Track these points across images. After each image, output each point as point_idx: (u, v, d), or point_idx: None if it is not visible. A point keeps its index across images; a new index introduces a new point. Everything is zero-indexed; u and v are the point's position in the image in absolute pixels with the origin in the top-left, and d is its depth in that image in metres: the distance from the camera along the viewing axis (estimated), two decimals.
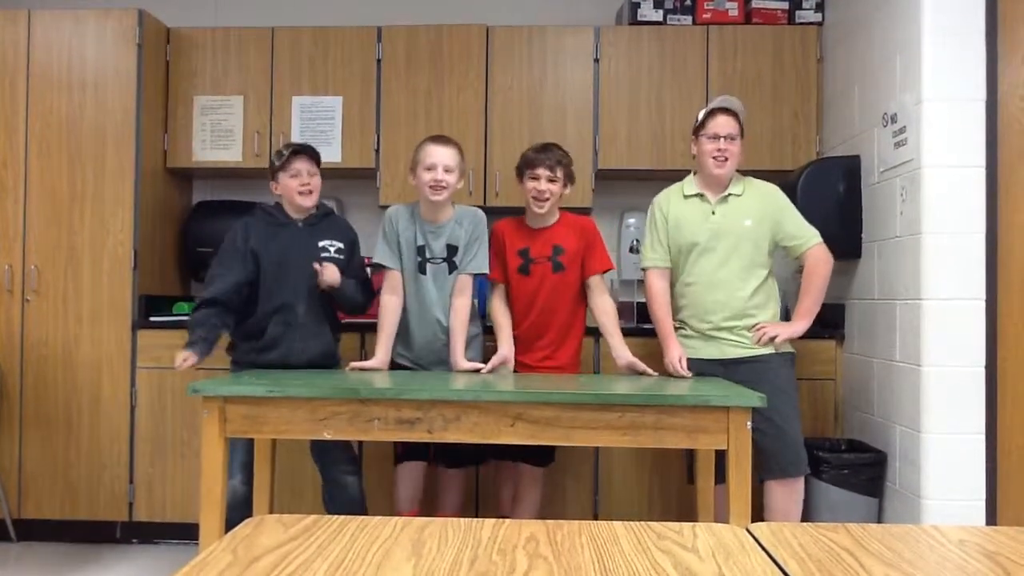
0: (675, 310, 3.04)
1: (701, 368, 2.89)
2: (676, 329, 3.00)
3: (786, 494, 2.87)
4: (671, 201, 3.02)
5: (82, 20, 3.63)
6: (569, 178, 2.95)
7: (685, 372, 2.85)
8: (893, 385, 3.01)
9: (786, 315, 3.40)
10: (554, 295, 2.98)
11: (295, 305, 2.89)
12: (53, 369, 3.58)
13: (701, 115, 2.99)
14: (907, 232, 2.92)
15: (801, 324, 2.93)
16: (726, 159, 2.89)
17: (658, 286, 3.00)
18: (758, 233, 2.92)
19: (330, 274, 2.84)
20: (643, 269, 3.05)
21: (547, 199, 2.90)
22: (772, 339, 2.89)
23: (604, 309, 2.99)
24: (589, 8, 4.20)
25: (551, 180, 2.89)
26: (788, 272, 3.55)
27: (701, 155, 2.94)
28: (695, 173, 3.03)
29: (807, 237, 2.93)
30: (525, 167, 2.94)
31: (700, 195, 2.97)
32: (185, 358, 2.72)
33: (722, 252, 2.91)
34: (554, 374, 2.95)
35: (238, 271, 2.88)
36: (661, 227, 3.00)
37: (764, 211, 2.93)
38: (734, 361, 2.90)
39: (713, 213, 2.94)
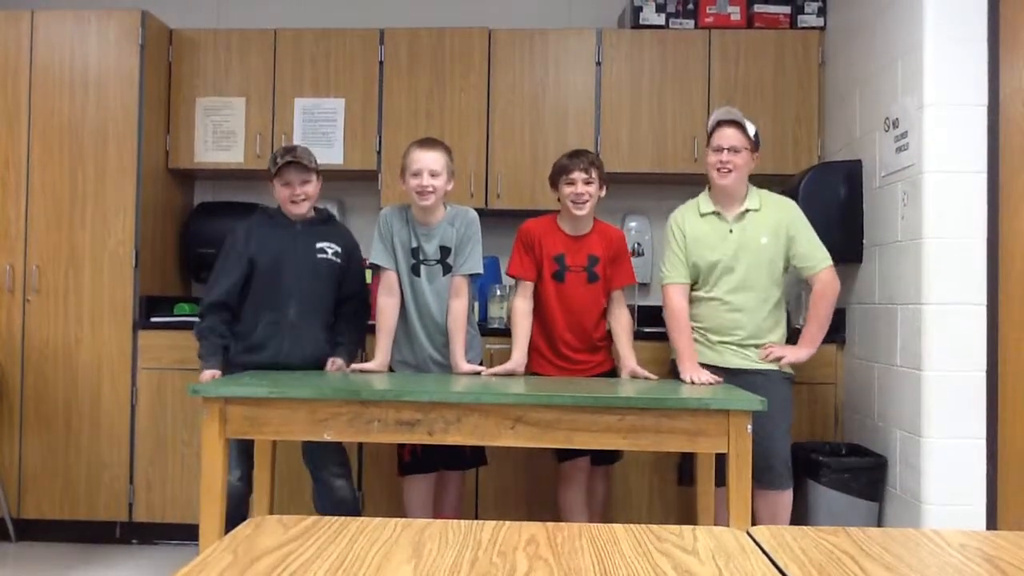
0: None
1: None
2: None
3: (768, 505, 2.88)
4: (687, 219, 3.00)
5: (85, 21, 3.64)
6: (604, 180, 2.96)
7: (705, 381, 2.77)
8: (894, 389, 3.01)
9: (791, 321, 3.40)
10: (589, 303, 2.99)
11: (286, 307, 2.89)
12: (54, 369, 3.58)
13: (708, 129, 2.98)
14: (908, 237, 2.92)
15: (806, 350, 2.93)
16: (729, 170, 2.88)
17: (679, 303, 2.97)
18: (773, 250, 2.91)
19: (339, 365, 2.96)
20: (663, 285, 3.04)
21: (586, 201, 2.90)
22: (777, 359, 2.90)
23: (622, 322, 3.04)
24: (591, 11, 4.20)
25: (587, 182, 2.90)
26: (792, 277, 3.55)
27: (708, 168, 2.95)
28: (710, 187, 3.02)
29: (817, 260, 2.91)
30: (560, 173, 2.94)
31: (716, 213, 2.96)
32: (212, 375, 2.80)
33: (741, 272, 2.90)
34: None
35: (238, 274, 2.90)
36: (679, 244, 2.99)
37: (779, 227, 2.92)
38: (734, 370, 2.90)
39: (731, 231, 2.93)
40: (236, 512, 2.80)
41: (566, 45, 3.86)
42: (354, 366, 2.94)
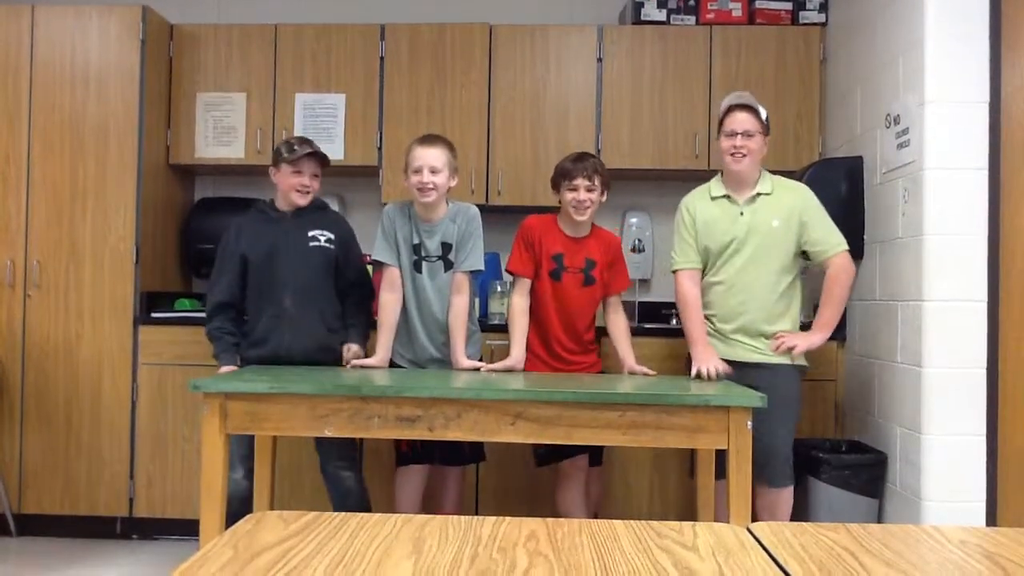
0: None
1: None
2: None
3: (767, 503, 2.88)
4: (698, 203, 2.98)
5: (85, 16, 3.63)
6: (606, 185, 2.95)
7: (712, 377, 2.76)
8: (894, 386, 3.01)
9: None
10: (583, 305, 3.00)
11: (282, 298, 2.91)
12: (54, 365, 3.58)
13: (720, 114, 2.95)
14: (909, 233, 2.92)
15: (819, 336, 2.88)
16: (744, 155, 2.85)
17: (689, 290, 2.94)
18: (785, 235, 2.87)
19: (355, 352, 2.99)
20: (673, 272, 3.01)
21: (587, 208, 2.91)
22: (789, 349, 2.84)
23: (620, 327, 3.07)
24: (592, 7, 4.19)
25: (589, 189, 2.89)
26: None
27: (721, 153, 2.91)
28: (722, 173, 2.99)
29: (831, 245, 2.86)
30: (562, 178, 2.93)
31: (727, 196, 2.93)
32: (229, 371, 2.82)
33: (749, 253, 2.87)
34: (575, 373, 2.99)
35: (234, 273, 2.93)
36: (689, 228, 2.96)
37: (792, 211, 2.87)
38: (745, 364, 2.86)
39: (742, 214, 2.89)
40: (241, 510, 2.81)
41: (567, 41, 3.86)
42: (355, 362, 2.94)
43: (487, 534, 1.10)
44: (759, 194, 2.91)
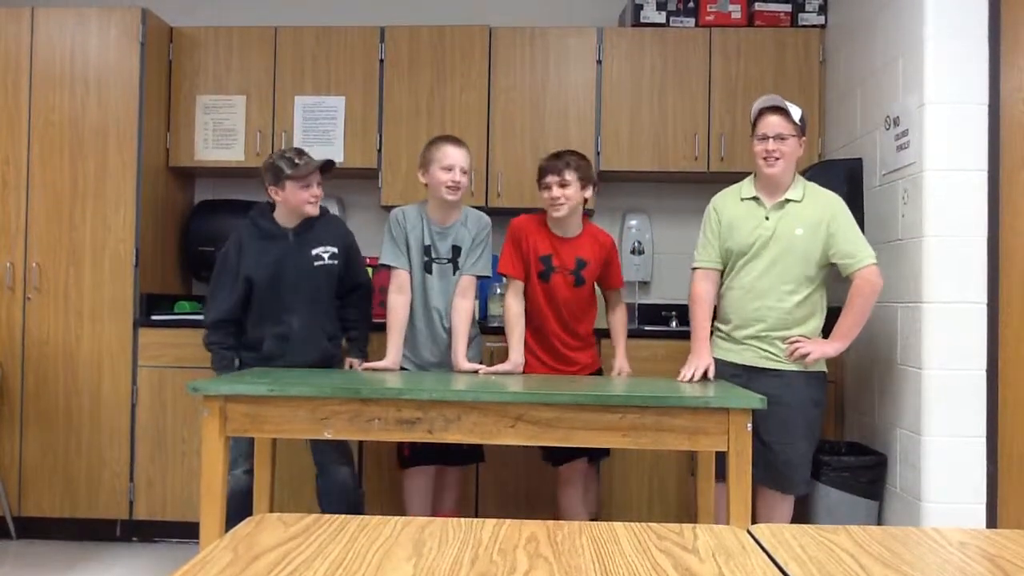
0: (715, 310, 2.97)
1: (722, 371, 2.84)
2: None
3: (771, 505, 2.87)
4: (727, 202, 2.94)
5: (85, 18, 3.64)
6: (586, 180, 2.94)
7: (687, 379, 2.77)
8: (894, 388, 3.01)
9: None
10: (574, 304, 3.00)
11: (290, 319, 2.91)
12: (54, 367, 3.58)
13: (752, 117, 2.92)
14: (909, 235, 2.92)
15: (835, 345, 2.81)
16: (777, 159, 2.80)
17: (702, 287, 2.92)
18: (809, 244, 2.80)
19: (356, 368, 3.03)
20: (692, 269, 2.99)
21: (562, 204, 2.90)
22: (803, 356, 2.78)
23: (616, 323, 3.13)
24: (592, 9, 4.20)
25: (562, 185, 2.89)
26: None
27: (755, 157, 2.86)
28: (755, 175, 2.94)
29: (859, 258, 2.77)
30: (538, 176, 2.97)
31: (756, 199, 2.88)
32: None
33: (767, 260, 2.82)
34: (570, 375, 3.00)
35: (236, 291, 2.92)
36: (714, 228, 2.93)
37: (819, 221, 2.80)
38: (757, 370, 2.83)
39: (766, 219, 2.84)
40: (243, 504, 2.82)
41: (567, 43, 3.86)
42: (366, 365, 2.94)
43: (487, 536, 1.10)
44: (788, 200, 2.84)
